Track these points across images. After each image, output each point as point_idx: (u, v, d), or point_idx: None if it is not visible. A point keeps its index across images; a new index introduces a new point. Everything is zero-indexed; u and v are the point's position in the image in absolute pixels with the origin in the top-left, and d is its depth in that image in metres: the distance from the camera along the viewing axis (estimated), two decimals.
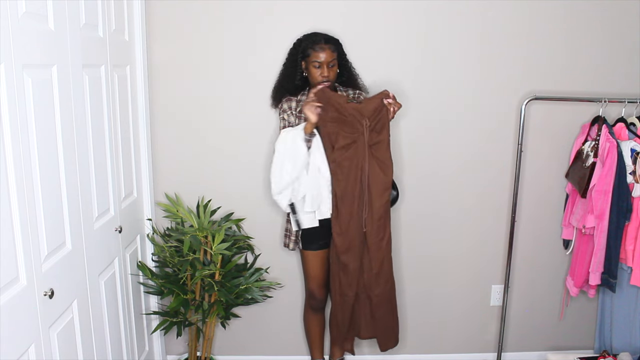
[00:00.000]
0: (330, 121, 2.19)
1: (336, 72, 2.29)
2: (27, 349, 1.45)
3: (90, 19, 1.87)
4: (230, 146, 2.57)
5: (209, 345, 2.55)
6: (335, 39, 2.30)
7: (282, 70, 2.39)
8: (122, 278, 2.23)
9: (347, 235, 2.27)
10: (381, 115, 2.20)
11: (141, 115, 2.43)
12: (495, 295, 2.81)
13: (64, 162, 1.67)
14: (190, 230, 2.32)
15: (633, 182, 2.34)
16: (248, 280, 2.41)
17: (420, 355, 2.87)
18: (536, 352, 2.90)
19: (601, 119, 2.41)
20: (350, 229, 2.26)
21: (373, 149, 2.22)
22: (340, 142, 2.20)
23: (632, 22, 2.53)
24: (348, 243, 2.27)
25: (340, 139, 2.20)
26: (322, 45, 2.24)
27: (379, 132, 2.22)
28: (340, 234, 2.27)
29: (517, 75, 2.57)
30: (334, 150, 2.21)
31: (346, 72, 2.36)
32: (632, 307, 2.51)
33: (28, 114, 1.46)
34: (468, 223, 2.72)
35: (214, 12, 2.43)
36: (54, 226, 1.61)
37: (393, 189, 2.40)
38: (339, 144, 2.20)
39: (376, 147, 2.23)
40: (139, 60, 2.37)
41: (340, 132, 2.20)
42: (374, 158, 2.23)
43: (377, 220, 2.27)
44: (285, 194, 2.29)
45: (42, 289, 1.52)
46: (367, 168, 2.21)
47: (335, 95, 2.21)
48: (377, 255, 2.30)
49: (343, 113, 2.18)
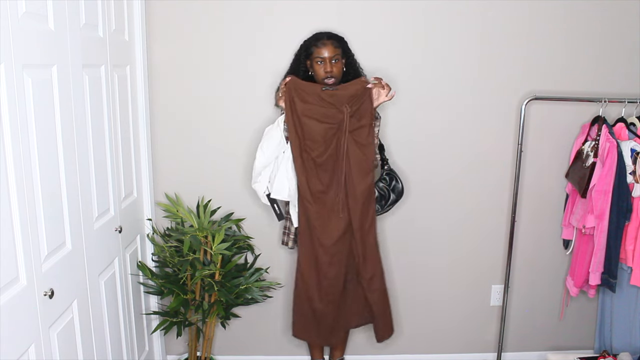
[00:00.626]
0: (305, 110, 2.22)
1: (340, 69, 2.28)
2: (27, 349, 1.45)
3: (90, 19, 1.87)
4: (230, 146, 2.57)
5: (209, 345, 2.55)
6: (339, 36, 2.30)
7: (288, 70, 2.39)
8: (122, 278, 2.23)
9: (329, 226, 2.29)
10: (362, 101, 2.22)
11: (141, 115, 2.43)
12: (495, 295, 2.81)
13: (64, 162, 1.67)
14: (190, 230, 2.32)
15: (633, 182, 2.34)
16: (248, 280, 2.41)
17: (420, 355, 2.87)
18: (536, 352, 2.90)
19: (601, 119, 2.41)
20: (331, 219, 2.29)
21: (354, 134, 2.25)
22: (320, 132, 2.24)
23: (632, 22, 2.53)
24: (335, 234, 2.29)
25: (318, 128, 2.24)
26: (325, 41, 2.24)
27: (359, 119, 2.25)
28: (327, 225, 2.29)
29: (517, 75, 2.57)
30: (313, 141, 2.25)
31: (352, 70, 2.35)
32: (632, 307, 2.51)
33: (28, 114, 1.46)
34: (468, 223, 2.72)
35: (214, 12, 2.43)
36: (54, 226, 1.61)
37: (397, 182, 2.42)
38: (319, 135, 2.24)
39: (357, 132, 2.25)
40: (139, 60, 2.37)
41: (318, 124, 2.23)
42: (355, 142, 2.25)
43: (360, 204, 2.28)
44: (260, 182, 2.38)
45: (42, 289, 1.52)
46: (346, 153, 2.24)
47: (307, 84, 2.24)
48: (362, 239, 2.31)
49: (318, 101, 2.21)
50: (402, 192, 2.44)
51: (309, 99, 2.22)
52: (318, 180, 2.29)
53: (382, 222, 2.64)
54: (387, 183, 2.42)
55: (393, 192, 2.42)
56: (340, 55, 2.27)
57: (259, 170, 2.37)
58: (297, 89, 2.23)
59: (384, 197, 2.41)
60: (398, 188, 2.42)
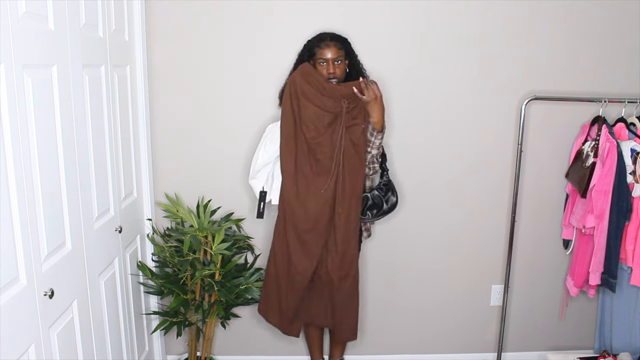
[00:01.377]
0: (307, 92, 2.23)
1: (343, 70, 2.28)
2: (27, 349, 1.46)
3: (90, 19, 1.87)
4: (230, 146, 2.57)
5: (209, 345, 2.55)
6: (342, 37, 2.30)
7: (291, 70, 2.39)
8: (122, 278, 2.23)
9: (312, 213, 2.27)
10: (359, 101, 2.23)
11: (141, 115, 2.43)
12: (495, 295, 2.81)
13: (64, 162, 1.67)
14: (190, 230, 2.32)
15: (633, 182, 2.34)
16: (248, 280, 2.41)
17: (420, 355, 2.87)
18: (536, 352, 2.90)
19: (601, 119, 2.41)
20: (311, 206, 2.28)
21: (349, 131, 2.26)
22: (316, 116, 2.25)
23: (632, 22, 2.53)
24: (313, 222, 2.28)
25: (316, 111, 2.24)
26: (328, 43, 2.24)
27: (354, 117, 2.26)
28: (306, 211, 2.28)
29: (517, 75, 2.57)
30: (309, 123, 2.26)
31: (355, 71, 2.35)
32: (632, 307, 2.51)
33: (28, 114, 1.46)
34: (468, 223, 2.72)
35: (214, 12, 2.43)
36: (54, 226, 1.61)
37: (392, 195, 2.41)
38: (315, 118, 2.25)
39: (352, 129, 2.26)
40: (139, 60, 2.37)
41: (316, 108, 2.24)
42: (349, 139, 2.26)
43: (348, 199, 2.28)
44: (258, 178, 2.39)
45: (42, 289, 1.52)
46: (342, 145, 2.24)
47: (315, 71, 2.24)
48: (343, 235, 2.30)
49: (320, 90, 2.22)
50: (395, 205, 2.43)
51: (313, 83, 2.22)
52: (308, 165, 2.28)
53: (383, 222, 2.65)
54: (382, 193, 2.41)
55: (386, 204, 2.41)
56: (343, 56, 2.27)
57: (258, 167, 2.38)
58: (304, 73, 2.24)
59: (377, 206, 2.39)
60: (392, 201, 2.41)
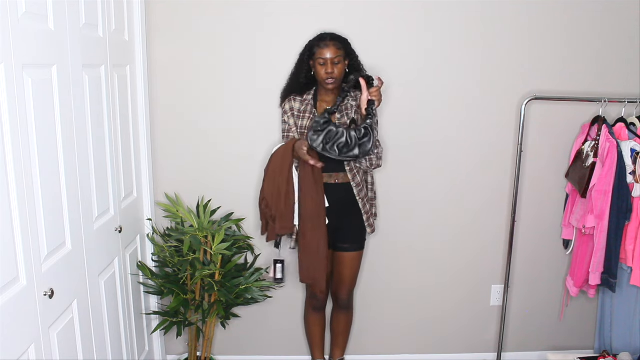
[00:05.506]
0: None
1: (342, 70, 2.27)
2: (27, 349, 1.45)
3: (90, 19, 1.87)
4: (230, 146, 2.57)
5: (209, 345, 2.55)
6: (342, 38, 2.30)
7: (292, 70, 2.39)
8: (122, 278, 2.23)
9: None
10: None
11: (141, 115, 2.42)
12: (495, 295, 2.81)
13: (64, 162, 1.67)
14: (190, 230, 2.32)
15: (633, 182, 2.34)
16: (248, 280, 2.41)
17: (420, 355, 2.87)
18: (536, 352, 2.90)
19: (601, 119, 2.41)
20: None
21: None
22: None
23: (632, 22, 2.53)
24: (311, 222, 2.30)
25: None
26: (327, 42, 2.24)
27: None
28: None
29: (517, 75, 2.57)
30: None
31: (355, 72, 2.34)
32: (632, 307, 2.51)
33: (28, 114, 1.46)
34: (468, 223, 2.72)
35: (214, 12, 2.43)
36: (54, 226, 1.61)
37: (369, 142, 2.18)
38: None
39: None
40: (139, 60, 2.37)
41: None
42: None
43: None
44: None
45: (42, 289, 1.52)
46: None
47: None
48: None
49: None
50: (367, 153, 2.18)
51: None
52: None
53: (383, 222, 2.65)
54: (359, 134, 2.17)
55: (359, 148, 2.17)
56: (343, 56, 2.27)
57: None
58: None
59: (347, 146, 2.17)
60: (365, 148, 2.16)
